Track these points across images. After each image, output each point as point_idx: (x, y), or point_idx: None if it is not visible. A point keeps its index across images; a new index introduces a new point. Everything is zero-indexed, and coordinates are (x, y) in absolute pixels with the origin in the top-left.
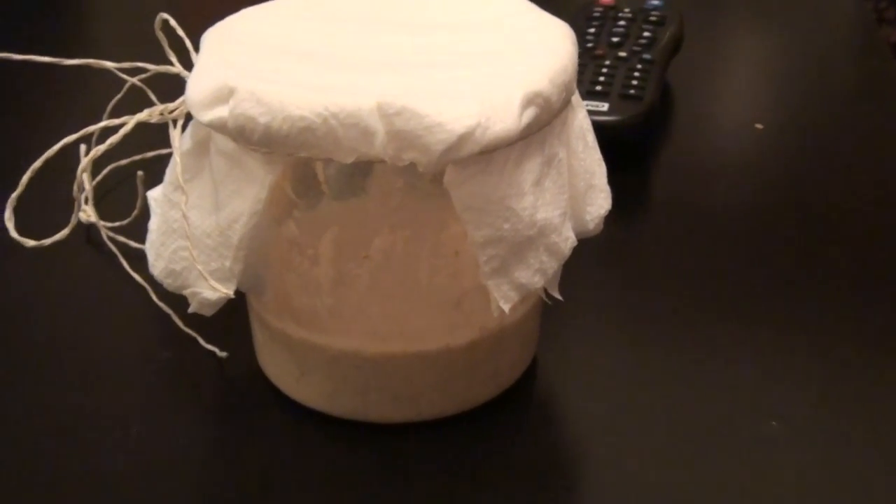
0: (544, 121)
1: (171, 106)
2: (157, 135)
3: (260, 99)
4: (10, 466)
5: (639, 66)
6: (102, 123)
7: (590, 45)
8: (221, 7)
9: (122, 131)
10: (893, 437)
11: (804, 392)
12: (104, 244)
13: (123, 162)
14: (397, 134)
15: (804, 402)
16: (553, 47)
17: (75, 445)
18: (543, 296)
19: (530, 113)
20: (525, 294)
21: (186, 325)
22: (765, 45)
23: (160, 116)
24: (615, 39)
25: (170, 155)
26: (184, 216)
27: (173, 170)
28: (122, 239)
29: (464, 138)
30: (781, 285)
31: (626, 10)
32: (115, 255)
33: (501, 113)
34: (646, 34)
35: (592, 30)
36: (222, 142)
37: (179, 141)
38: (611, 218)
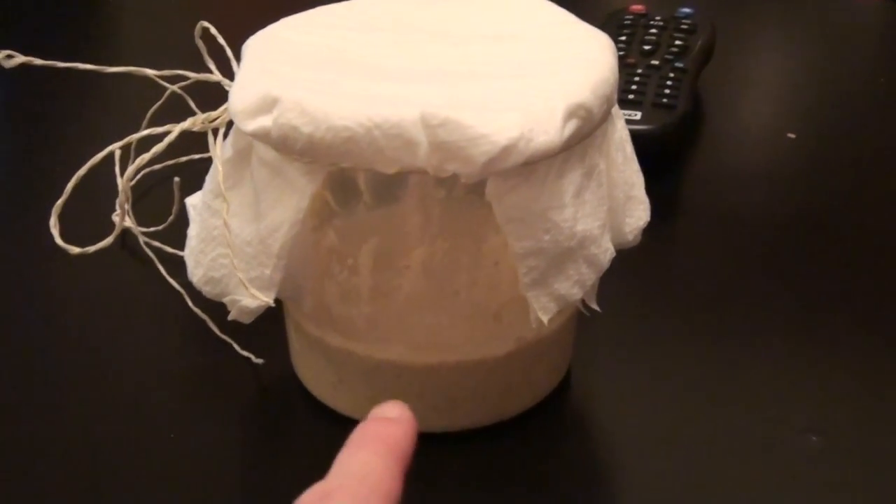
0: (586, 132)
1: (213, 114)
2: (189, 140)
3: (304, 109)
4: (50, 466)
5: (671, 75)
6: (146, 132)
7: (621, 53)
8: (259, 16)
9: (166, 140)
10: None
11: (844, 407)
12: (139, 249)
13: (157, 167)
14: (441, 145)
15: (844, 416)
16: (594, 59)
17: (112, 448)
18: (581, 307)
19: (573, 125)
20: (564, 305)
21: (222, 331)
22: (797, 53)
23: (202, 125)
24: (647, 48)
25: (202, 160)
26: (225, 224)
27: (214, 178)
28: (156, 244)
29: (507, 150)
30: (819, 296)
31: (657, 17)
32: (150, 260)
33: (544, 124)
34: (677, 42)
35: (623, 38)
36: (264, 151)
37: (220, 149)
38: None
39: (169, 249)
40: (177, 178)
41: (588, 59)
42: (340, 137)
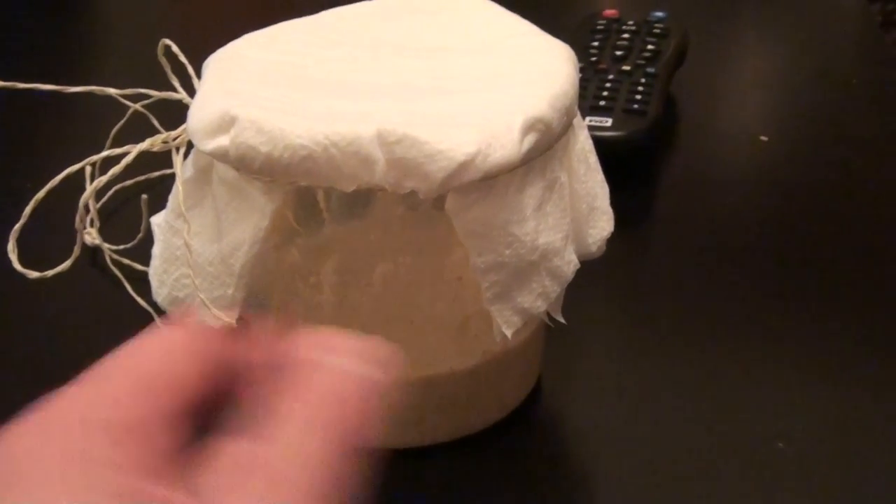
0: (545, 146)
1: (172, 134)
2: (162, 155)
3: (261, 128)
4: None
5: (642, 80)
6: (104, 153)
7: (593, 58)
8: (225, 31)
9: (123, 161)
10: None
11: (810, 412)
12: (109, 267)
13: (128, 183)
14: (398, 162)
15: (810, 422)
16: (554, 71)
17: None
18: (546, 319)
19: (531, 139)
20: (528, 319)
21: None
22: (769, 55)
23: (162, 145)
24: (619, 53)
25: (174, 176)
26: (186, 244)
27: (175, 197)
28: (126, 261)
29: (464, 166)
30: (788, 300)
31: (630, 22)
32: (120, 279)
33: (502, 139)
34: (649, 47)
35: (596, 43)
36: (224, 170)
37: (182, 169)
38: (615, 234)
39: (138, 267)
40: (144, 196)
41: (548, 71)
42: (298, 156)
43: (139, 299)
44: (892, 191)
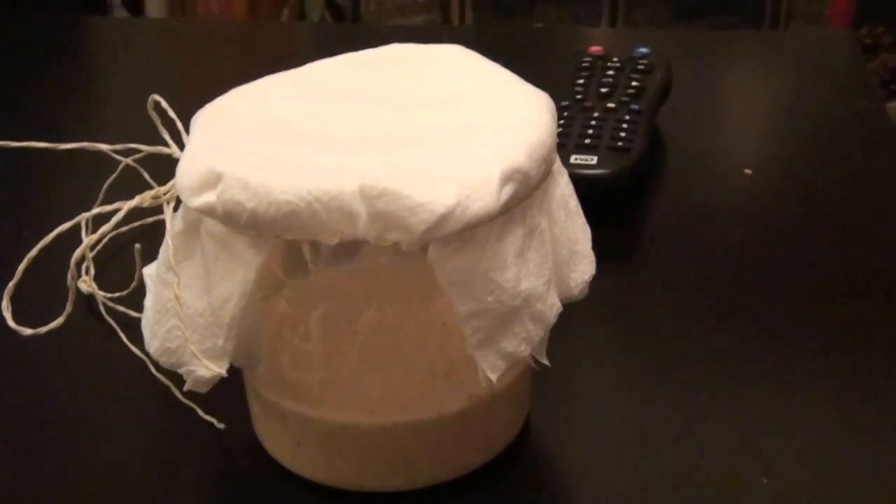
0: (524, 195)
1: (162, 189)
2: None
3: (247, 184)
4: None
5: (627, 118)
6: (95, 211)
7: (579, 96)
8: (214, 85)
9: (114, 219)
10: (889, 498)
11: (796, 447)
12: (104, 315)
13: (124, 229)
14: (380, 216)
15: (795, 458)
16: (532, 120)
17: None
18: (531, 362)
19: (509, 189)
20: (513, 362)
21: (185, 396)
22: (752, 89)
23: (152, 200)
24: (603, 90)
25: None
26: (176, 297)
27: (166, 251)
28: (122, 309)
29: (444, 218)
30: (774, 334)
31: (615, 59)
32: (114, 326)
33: (481, 191)
34: (634, 83)
35: (581, 80)
36: (212, 225)
37: (171, 223)
38: (602, 270)
39: (134, 314)
40: (137, 245)
41: (526, 120)
42: (283, 211)
43: (133, 347)
44: (877, 222)
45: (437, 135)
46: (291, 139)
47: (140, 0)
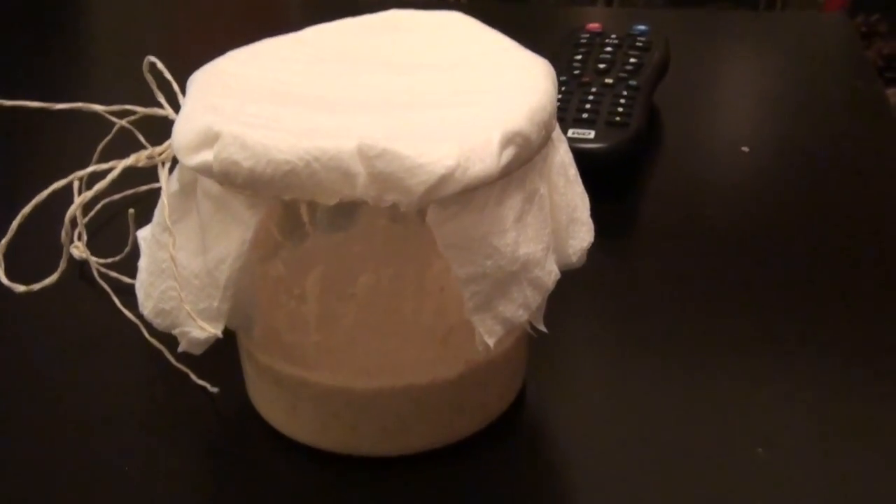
0: (524, 159)
1: (158, 149)
2: (149, 169)
3: (244, 143)
4: (3, 500)
5: (625, 93)
6: (90, 168)
7: (577, 72)
8: (210, 48)
9: (108, 177)
10: (882, 468)
11: (790, 419)
12: (97, 280)
13: (116, 197)
14: (378, 176)
15: (790, 428)
16: (532, 85)
17: (68, 480)
18: (529, 329)
19: (510, 152)
20: (510, 328)
21: (178, 360)
22: (750, 67)
23: (147, 160)
24: (602, 66)
25: (161, 190)
26: (171, 258)
27: (161, 211)
28: (114, 275)
29: (444, 179)
30: (771, 308)
31: (613, 35)
32: (107, 291)
33: (481, 153)
34: (632, 60)
35: (579, 56)
36: (208, 185)
37: (167, 183)
38: (599, 244)
39: (126, 280)
40: (131, 210)
41: (526, 86)
42: (281, 171)
43: (127, 311)
44: (873, 201)
45: (436, 99)
46: (290, 101)
47: None
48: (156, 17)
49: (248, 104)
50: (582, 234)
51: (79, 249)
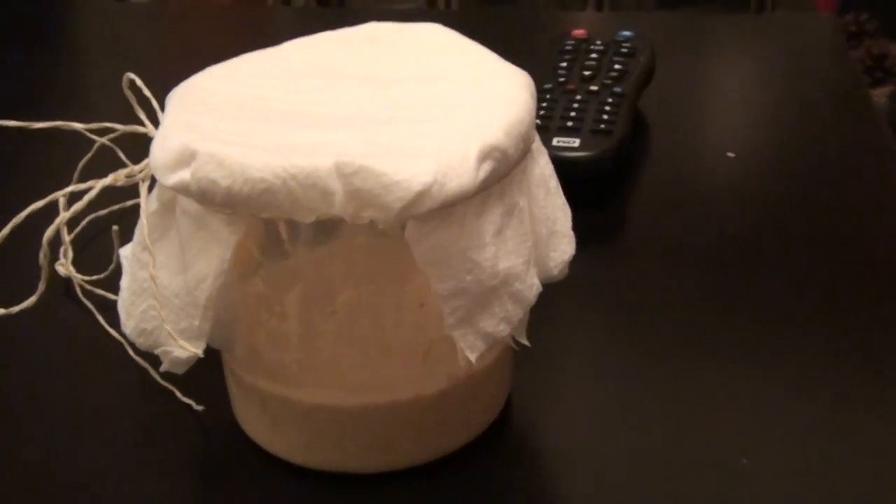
0: (502, 173)
1: (136, 168)
2: (136, 185)
3: (221, 162)
4: None
5: (609, 100)
6: (69, 189)
7: (562, 79)
8: (191, 64)
9: (86, 198)
10: (866, 478)
11: (774, 429)
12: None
13: (103, 212)
14: (356, 193)
15: (774, 439)
16: (510, 98)
17: (56, 498)
18: (511, 342)
19: (487, 167)
20: (491, 343)
21: (163, 378)
22: (735, 72)
23: (126, 179)
24: (587, 73)
25: None
26: (151, 277)
27: (141, 230)
28: (100, 292)
29: (421, 195)
30: (755, 316)
31: (598, 42)
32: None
33: (458, 168)
34: (617, 66)
35: (564, 63)
36: (187, 203)
37: (146, 202)
38: (585, 252)
39: (112, 297)
40: (115, 227)
41: (505, 98)
42: (258, 189)
43: (111, 329)
44: (859, 206)
45: (414, 113)
46: (267, 117)
47: None
48: (143, 38)
49: (226, 121)
50: (563, 247)
51: (63, 267)
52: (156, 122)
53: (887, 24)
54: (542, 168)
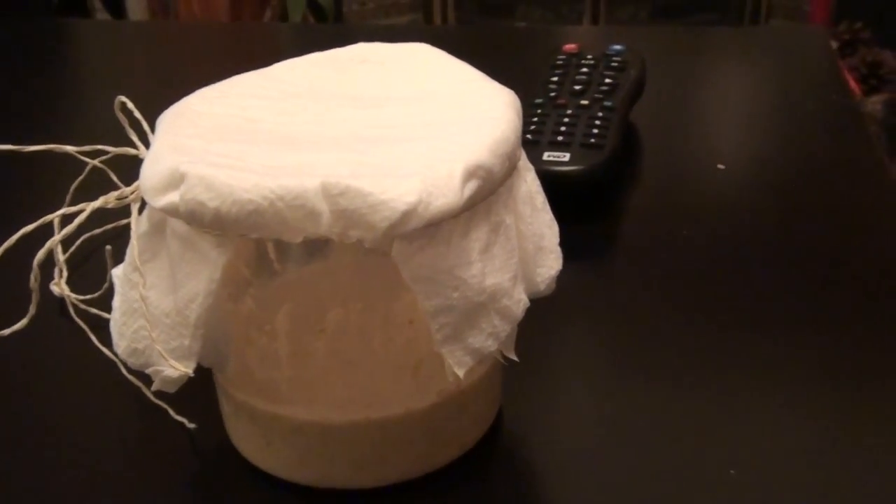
0: (487, 191)
1: (127, 190)
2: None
3: (210, 184)
4: None
5: (600, 114)
6: (60, 212)
7: (553, 94)
8: (195, 88)
9: (76, 221)
10: (856, 490)
11: (763, 440)
12: (78, 316)
13: (97, 231)
14: (342, 213)
15: (763, 450)
16: (496, 117)
17: None
18: (500, 357)
19: (472, 185)
20: (480, 358)
21: (156, 397)
22: (725, 85)
23: (117, 201)
24: (577, 87)
25: None
26: (142, 298)
27: (132, 251)
28: (94, 311)
29: (407, 214)
30: (746, 330)
31: (589, 56)
32: (84, 329)
33: (443, 188)
34: (607, 80)
35: (556, 78)
36: (176, 224)
37: (137, 223)
38: (576, 266)
39: (106, 316)
40: (108, 247)
41: (490, 117)
42: (246, 210)
43: (104, 349)
44: (851, 218)
45: (401, 133)
46: (256, 139)
47: (122, 3)
48: (140, 58)
49: (215, 143)
50: (550, 262)
51: (58, 286)
52: (147, 144)
53: (881, 33)
54: (529, 185)
